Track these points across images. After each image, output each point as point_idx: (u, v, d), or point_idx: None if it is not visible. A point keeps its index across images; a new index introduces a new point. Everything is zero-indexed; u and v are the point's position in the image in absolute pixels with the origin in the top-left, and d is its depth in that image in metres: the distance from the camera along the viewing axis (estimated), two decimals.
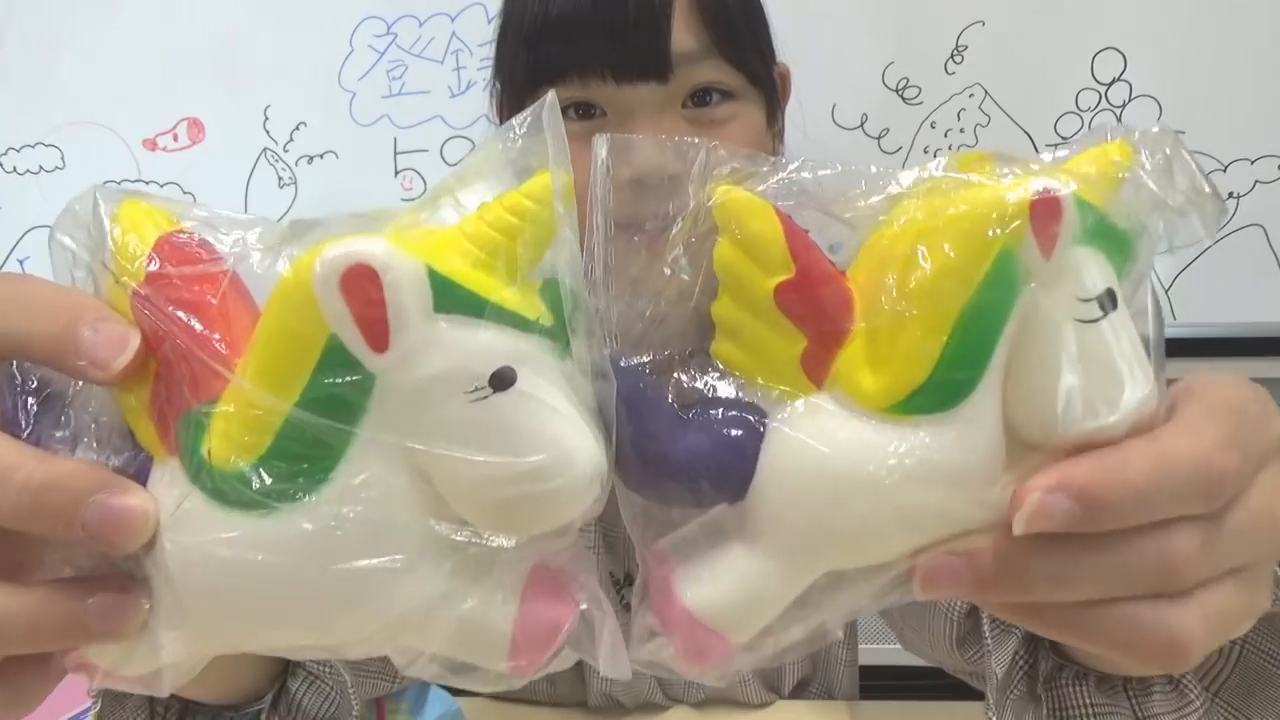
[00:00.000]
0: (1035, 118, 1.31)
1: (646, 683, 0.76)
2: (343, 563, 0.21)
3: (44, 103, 1.37)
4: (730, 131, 0.63)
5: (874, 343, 0.21)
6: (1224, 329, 1.36)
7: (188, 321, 0.21)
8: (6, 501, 0.21)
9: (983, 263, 0.20)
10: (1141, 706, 0.48)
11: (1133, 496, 0.21)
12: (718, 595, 0.22)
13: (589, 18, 0.58)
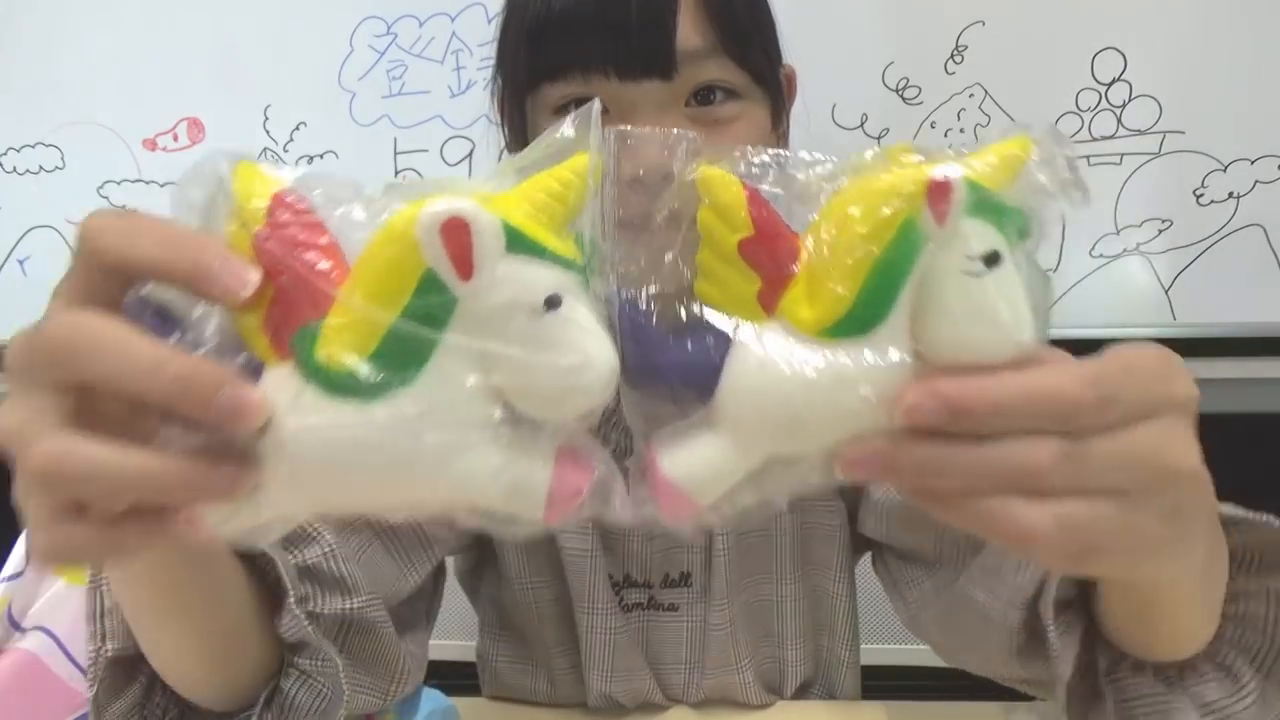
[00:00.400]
0: (1035, 118, 1.30)
1: (646, 683, 0.76)
2: (426, 439, 0.28)
3: (44, 103, 1.37)
4: (734, 131, 0.62)
5: (811, 284, 0.29)
6: (1224, 329, 1.36)
7: (303, 256, 0.29)
8: (159, 386, 0.28)
9: (890, 229, 0.28)
10: (1197, 693, 0.51)
11: (990, 408, 0.28)
12: (689, 469, 0.31)
13: (592, 14, 0.58)
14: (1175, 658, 0.51)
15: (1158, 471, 0.30)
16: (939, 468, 0.29)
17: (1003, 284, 0.29)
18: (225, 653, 0.51)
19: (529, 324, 0.28)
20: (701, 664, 0.76)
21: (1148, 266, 1.34)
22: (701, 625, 0.76)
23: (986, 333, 0.29)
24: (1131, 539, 0.31)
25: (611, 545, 0.74)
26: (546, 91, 0.61)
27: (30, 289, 1.42)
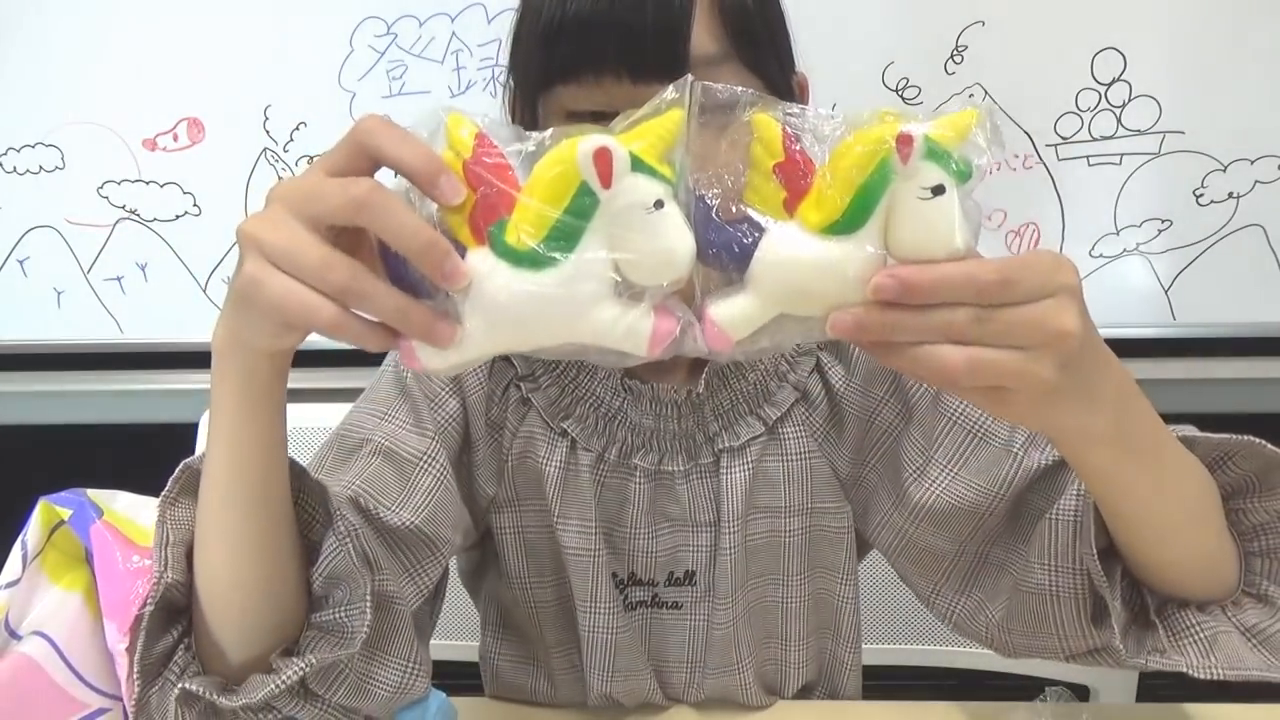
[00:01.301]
0: (1035, 118, 1.31)
1: (647, 683, 0.76)
2: (576, 292, 0.43)
3: (44, 103, 1.37)
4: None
5: (818, 198, 0.43)
6: (1224, 329, 1.36)
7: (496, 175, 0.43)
8: (415, 245, 0.42)
9: (871, 163, 0.42)
10: (1239, 620, 0.60)
11: (929, 287, 0.42)
12: (728, 313, 0.45)
13: (606, 17, 0.58)
14: (1209, 594, 0.60)
15: (1046, 332, 0.43)
16: (894, 327, 0.42)
17: (944, 207, 0.42)
18: (270, 590, 0.57)
19: (643, 219, 0.42)
20: (703, 664, 0.76)
21: (1148, 266, 1.35)
22: (705, 624, 0.76)
23: (931, 238, 0.42)
24: (1030, 383, 0.43)
25: (616, 544, 0.74)
26: (559, 93, 0.61)
27: (30, 289, 1.42)
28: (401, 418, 0.70)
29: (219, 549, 0.55)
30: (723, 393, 0.72)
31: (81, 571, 0.67)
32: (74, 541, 0.68)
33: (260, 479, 0.54)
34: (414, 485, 0.67)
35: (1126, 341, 1.36)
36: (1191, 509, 0.58)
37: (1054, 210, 1.34)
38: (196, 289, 1.41)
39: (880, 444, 0.73)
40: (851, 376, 0.74)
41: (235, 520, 0.55)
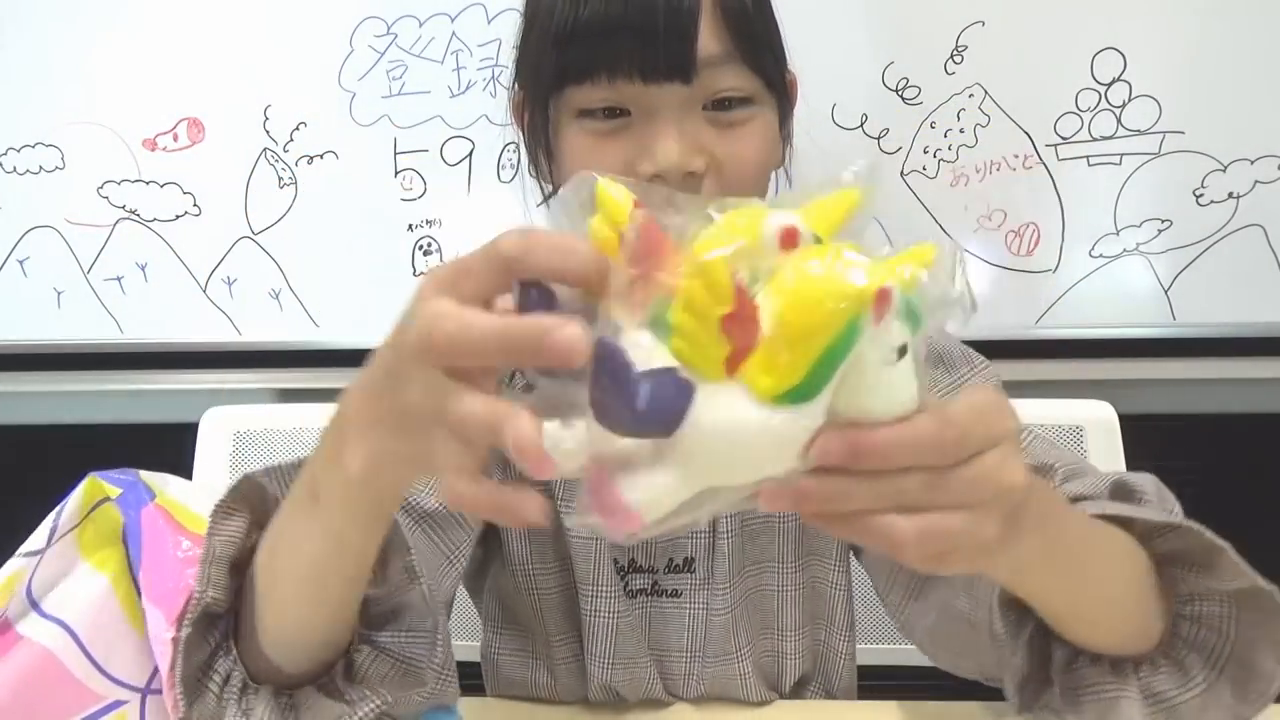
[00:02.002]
0: (1035, 118, 1.31)
1: (647, 673, 0.77)
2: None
3: (44, 103, 1.37)
4: (746, 133, 0.66)
5: (769, 357, 0.35)
6: (1224, 329, 1.36)
7: (656, 252, 0.36)
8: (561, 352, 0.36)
9: (839, 323, 0.34)
10: (1147, 684, 0.56)
11: (880, 453, 0.36)
12: (641, 491, 0.36)
13: (620, 21, 0.60)
14: (1124, 652, 0.56)
15: (998, 488, 0.39)
16: (839, 497, 0.37)
17: (904, 369, 0.36)
18: (335, 622, 0.55)
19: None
20: (702, 653, 0.77)
21: (1148, 266, 1.35)
22: (704, 612, 0.77)
23: (887, 403, 0.37)
24: (976, 542, 0.39)
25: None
26: (571, 94, 0.64)
27: (30, 289, 1.42)
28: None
29: (294, 605, 0.54)
30: None
31: (114, 551, 0.66)
32: (114, 520, 0.67)
33: (356, 564, 0.52)
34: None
35: (1126, 341, 1.37)
36: (1117, 596, 0.55)
37: (1054, 210, 1.34)
38: (196, 289, 1.41)
39: None
40: None
41: (317, 590, 0.53)
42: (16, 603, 0.64)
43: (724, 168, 0.65)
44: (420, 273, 1.40)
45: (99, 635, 0.64)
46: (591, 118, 0.64)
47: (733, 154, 0.65)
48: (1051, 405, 1.09)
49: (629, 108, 0.64)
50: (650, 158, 0.63)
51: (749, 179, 0.67)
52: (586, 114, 0.64)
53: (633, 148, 0.64)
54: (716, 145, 0.64)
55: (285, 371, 1.43)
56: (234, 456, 1.09)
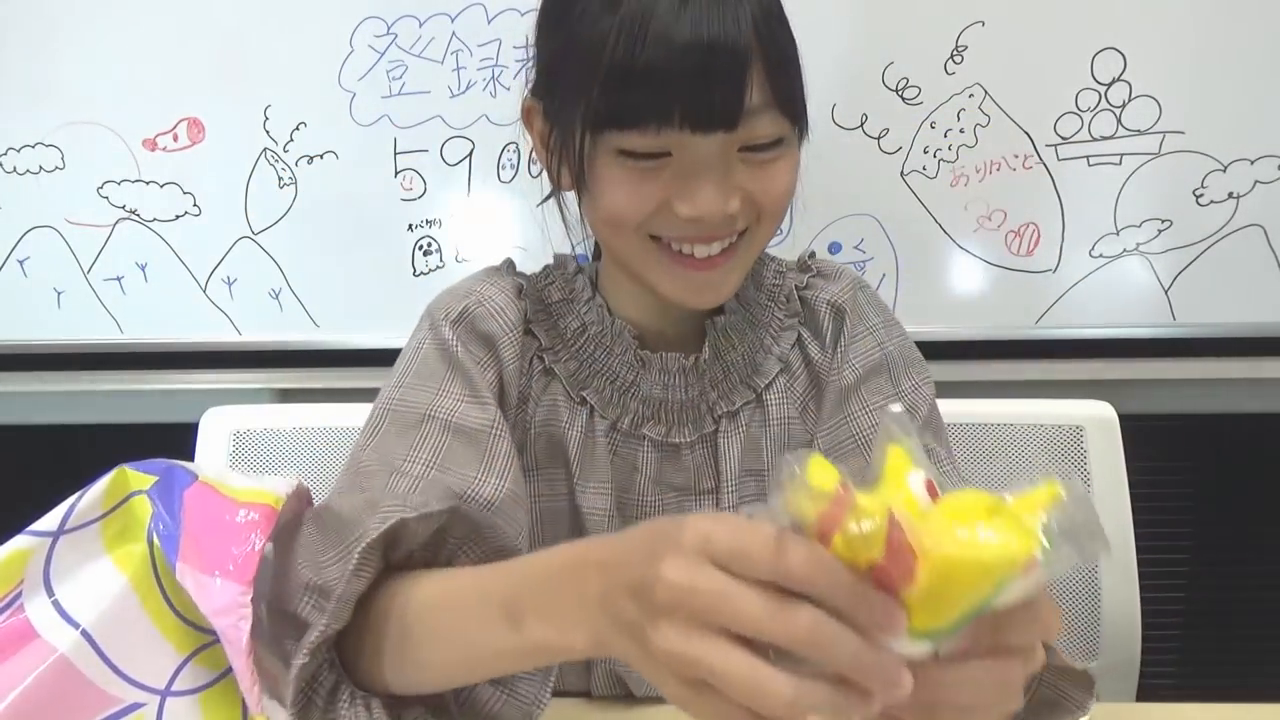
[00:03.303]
0: (1035, 118, 1.31)
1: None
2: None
3: (44, 103, 1.37)
4: (777, 170, 0.68)
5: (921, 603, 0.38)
6: (1224, 329, 1.36)
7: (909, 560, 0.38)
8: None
9: (990, 583, 0.38)
10: None
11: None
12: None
13: (675, 71, 0.61)
14: None
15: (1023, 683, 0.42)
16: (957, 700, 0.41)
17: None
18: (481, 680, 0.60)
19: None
20: None
21: (1148, 266, 1.35)
22: None
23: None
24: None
25: (626, 511, 0.77)
26: (616, 135, 0.64)
27: (30, 289, 1.42)
28: (458, 391, 0.71)
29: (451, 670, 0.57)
30: (718, 365, 0.76)
31: (138, 548, 0.66)
32: (141, 515, 0.67)
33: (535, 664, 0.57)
34: (492, 454, 0.69)
35: (1126, 341, 1.37)
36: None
37: (1054, 210, 1.34)
38: (196, 289, 1.41)
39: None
40: (828, 355, 0.78)
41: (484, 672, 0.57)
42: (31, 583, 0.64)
43: (757, 202, 0.67)
44: (420, 273, 1.40)
45: (117, 637, 0.63)
46: (632, 157, 0.65)
47: (764, 190, 0.67)
48: (1051, 405, 1.09)
49: (670, 149, 0.65)
50: (691, 201, 0.65)
51: (778, 211, 0.70)
52: (626, 154, 0.65)
53: (672, 187, 0.65)
54: (750, 183, 0.66)
55: (285, 371, 1.43)
56: (234, 456, 1.09)
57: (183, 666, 0.65)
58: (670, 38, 0.60)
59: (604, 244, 0.75)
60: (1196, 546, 1.58)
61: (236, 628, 0.62)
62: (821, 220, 1.35)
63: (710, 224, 0.66)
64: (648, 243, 0.69)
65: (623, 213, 0.67)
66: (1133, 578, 1.05)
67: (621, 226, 0.68)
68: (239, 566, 0.63)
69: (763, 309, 0.78)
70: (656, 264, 0.69)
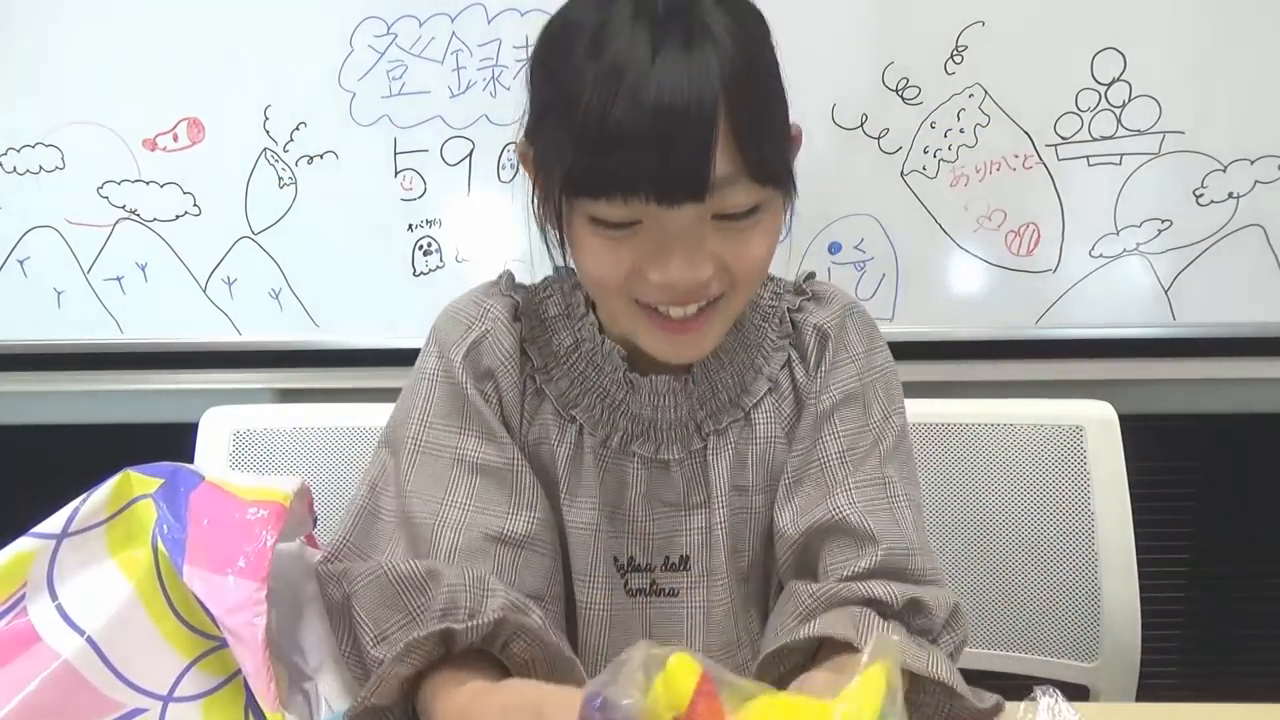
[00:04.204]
0: (1035, 118, 1.31)
1: None
2: None
3: (44, 103, 1.37)
4: (753, 236, 0.67)
5: None
6: (1224, 329, 1.36)
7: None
8: None
9: None
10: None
11: None
12: None
13: (642, 137, 0.59)
14: None
15: None
16: None
17: None
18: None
19: None
20: (705, 648, 0.78)
21: (1148, 266, 1.35)
22: (703, 609, 0.78)
23: None
24: None
25: (617, 526, 0.77)
26: (588, 203, 0.64)
27: (30, 289, 1.42)
28: (475, 430, 0.75)
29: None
30: (706, 384, 0.77)
31: (143, 552, 0.66)
32: (146, 519, 0.67)
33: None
34: (519, 489, 0.74)
35: (1126, 341, 1.37)
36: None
37: (1054, 210, 1.34)
38: (196, 289, 1.41)
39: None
40: (811, 378, 0.78)
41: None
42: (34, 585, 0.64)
43: (731, 269, 0.67)
44: (420, 273, 1.40)
45: (121, 642, 0.63)
46: (605, 225, 0.65)
47: (739, 256, 0.67)
48: (1051, 405, 1.09)
49: (641, 218, 0.64)
50: (662, 270, 0.65)
51: (754, 276, 0.70)
52: (598, 222, 0.65)
53: (644, 253, 0.65)
54: (724, 251, 0.66)
55: (285, 371, 1.43)
56: (234, 456, 1.09)
57: (186, 672, 0.65)
58: (639, 101, 0.59)
59: (595, 298, 0.76)
60: (1196, 546, 1.58)
61: (251, 625, 0.62)
62: (821, 220, 1.35)
63: (683, 289, 0.66)
64: (631, 304, 0.69)
65: (598, 277, 0.68)
66: (1133, 578, 1.05)
67: (602, 288, 0.70)
68: (251, 564, 0.64)
69: (755, 329, 0.79)
70: (638, 322, 0.70)
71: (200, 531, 0.65)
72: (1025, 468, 1.08)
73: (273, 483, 0.70)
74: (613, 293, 0.69)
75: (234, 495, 0.68)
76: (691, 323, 0.69)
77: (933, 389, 1.20)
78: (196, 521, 0.66)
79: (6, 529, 0.70)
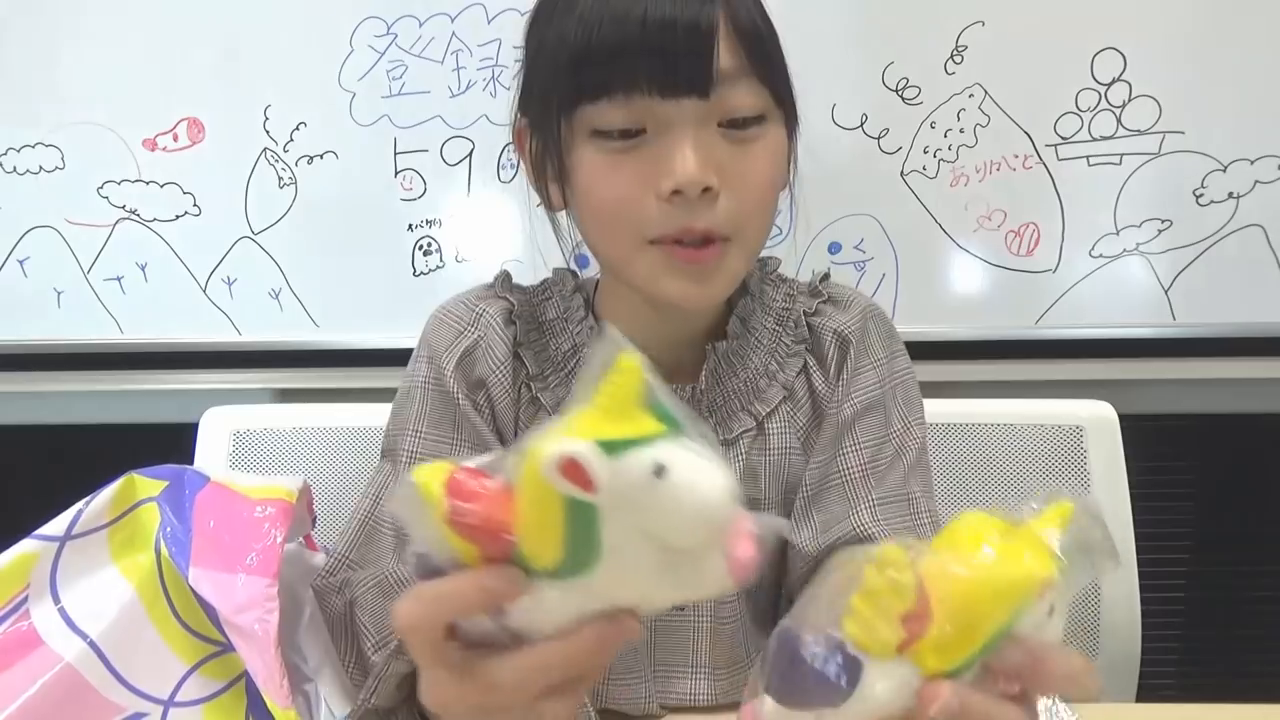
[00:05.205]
0: (1035, 118, 1.31)
1: (646, 692, 0.76)
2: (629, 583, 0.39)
3: (44, 103, 1.37)
4: (758, 149, 0.66)
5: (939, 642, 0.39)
6: (1224, 329, 1.36)
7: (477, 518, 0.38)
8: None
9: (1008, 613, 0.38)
10: None
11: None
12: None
13: (638, 41, 0.61)
14: None
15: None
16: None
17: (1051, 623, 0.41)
18: None
19: (652, 492, 0.36)
20: (710, 665, 0.76)
21: (1148, 266, 1.35)
22: (710, 622, 0.76)
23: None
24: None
25: None
26: (587, 113, 0.64)
27: (30, 289, 1.42)
28: (467, 440, 0.73)
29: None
30: (717, 390, 0.74)
31: (145, 557, 0.66)
32: (150, 523, 0.67)
33: None
34: None
35: (1126, 341, 1.37)
36: None
37: (1054, 210, 1.34)
38: (196, 289, 1.41)
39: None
40: (831, 387, 0.76)
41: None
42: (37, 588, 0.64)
43: (735, 184, 0.65)
44: (420, 273, 1.40)
45: (123, 646, 0.64)
46: (607, 138, 0.64)
47: (745, 171, 0.65)
48: (1051, 405, 1.09)
49: (645, 126, 0.64)
50: (669, 173, 0.63)
51: (759, 199, 0.67)
52: (601, 134, 0.64)
53: (649, 166, 0.64)
54: (729, 162, 0.64)
55: (285, 371, 1.43)
56: (234, 456, 1.09)
57: (187, 677, 0.65)
58: (629, 13, 0.61)
59: (601, 259, 0.72)
60: (1196, 546, 1.58)
61: (264, 621, 0.62)
62: (821, 220, 1.35)
63: (690, 201, 0.63)
64: (643, 247, 0.66)
65: (607, 205, 0.66)
66: (1133, 578, 1.05)
67: (611, 226, 0.67)
68: (261, 561, 0.64)
69: (769, 333, 0.76)
70: (652, 267, 0.67)
71: (207, 532, 0.66)
72: (1025, 468, 1.08)
73: (276, 481, 0.70)
74: (622, 232, 0.66)
75: (240, 494, 0.68)
76: (705, 252, 0.65)
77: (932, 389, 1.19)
78: (202, 523, 0.66)
79: (6, 529, 0.70)
